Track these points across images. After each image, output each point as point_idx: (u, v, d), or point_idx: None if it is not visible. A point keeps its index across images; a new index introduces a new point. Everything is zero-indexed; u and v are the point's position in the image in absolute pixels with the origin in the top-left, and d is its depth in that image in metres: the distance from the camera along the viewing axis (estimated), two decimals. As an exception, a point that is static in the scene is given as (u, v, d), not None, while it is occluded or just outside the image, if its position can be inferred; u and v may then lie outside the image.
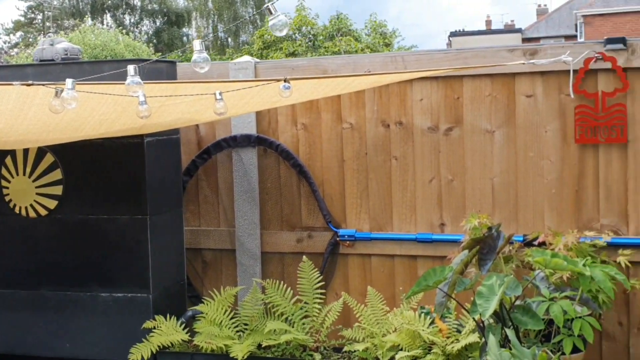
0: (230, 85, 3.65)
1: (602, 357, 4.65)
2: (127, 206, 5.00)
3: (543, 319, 3.72)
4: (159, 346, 4.97)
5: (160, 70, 4.98)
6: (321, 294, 5.11)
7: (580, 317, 3.75)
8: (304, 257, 5.16)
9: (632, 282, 4.38)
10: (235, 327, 5.14)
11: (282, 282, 5.17)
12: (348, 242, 5.22)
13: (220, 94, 3.53)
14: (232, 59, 5.45)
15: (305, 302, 5.11)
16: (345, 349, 4.91)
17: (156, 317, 5.05)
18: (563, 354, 3.78)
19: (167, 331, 5.03)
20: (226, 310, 5.17)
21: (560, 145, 4.70)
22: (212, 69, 5.22)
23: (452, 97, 4.93)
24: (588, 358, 4.25)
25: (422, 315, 4.74)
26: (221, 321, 5.11)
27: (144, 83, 3.13)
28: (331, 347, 5.03)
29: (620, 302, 4.58)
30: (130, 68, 3.09)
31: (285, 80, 3.47)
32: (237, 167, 5.41)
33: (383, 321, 4.88)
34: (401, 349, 4.69)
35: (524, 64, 4.52)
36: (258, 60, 5.40)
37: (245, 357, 4.84)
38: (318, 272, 5.15)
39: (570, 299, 3.83)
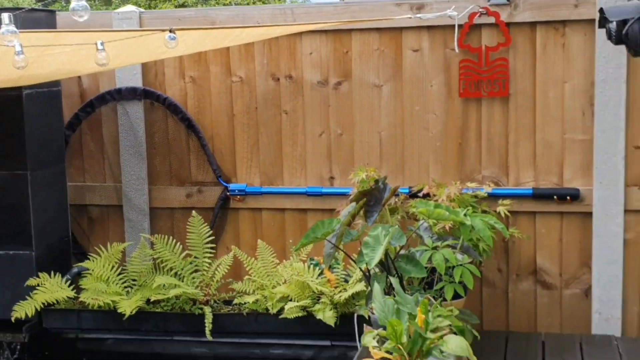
0: (113, 35, 3.53)
1: (482, 302, 4.85)
2: (6, 161, 4.82)
3: (426, 267, 3.83)
4: (43, 303, 4.86)
5: (38, 19, 4.78)
6: (211, 248, 5.10)
7: (461, 265, 3.88)
8: (194, 212, 5.12)
9: (510, 231, 4.56)
10: (123, 283, 5.07)
11: (171, 238, 5.12)
12: (238, 196, 5.21)
13: (102, 44, 3.42)
14: (117, 10, 5.28)
15: (195, 257, 5.09)
16: (236, 301, 4.94)
17: (40, 274, 4.92)
18: (445, 300, 3.91)
19: (51, 288, 4.92)
20: (113, 267, 5.10)
21: (445, 99, 4.81)
22: (94, 19, 5.07)
23: (341, 51, 4.95)
24: (469, 303, 4.41)
25: (311, 266, 4.81)
26: (108, 277, 5.04)
27: (20, 32, 3.00)
28: (221, 300, 5.05)
29: (500, 250, 4.77)
30: (5, 16, 2.95)
31: (170, 31, 3.39)
32: (122, 121, 5.28)
33: (273, 273, 4.93)
34: (291, 300, 4.76)
35: (410, 18, 4.58)
36: (143, 10, 5.25)
37: (134, 312, 4.80)
38: (208, 226, 5.13)
39: (452, 247, 3.95)
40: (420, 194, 4.58)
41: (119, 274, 5.10)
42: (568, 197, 4.63)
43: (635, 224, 4.57)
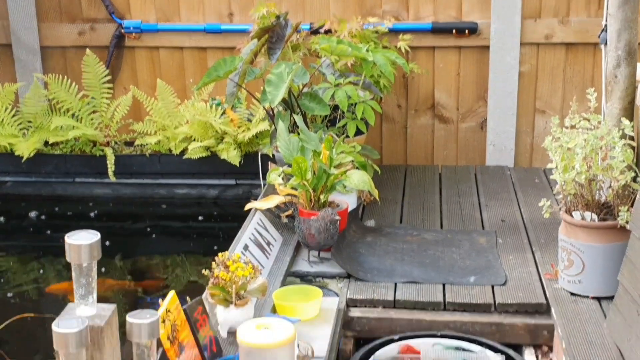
0: None
1: (382, 137, 4.97)
2: None
3: (329, 105, 3.86)
4: None
5: None
6: (109, 88, 4.97)
7: (363, 102, 3.93)
8: (88, 50, 4.93)
9: (410, 66, 4.62)
10: (18, 125, 4.93)
11: (65, 77, 4.96)
12: (134, 34, 5.03)
13: None
14: None
15: (92, 97, 4.96)
16: (137, 142, 4.90)
17: None
18: (347, 136, 3.98)
19: (-57, 132, 4.75)
20: (7, 108, 4.93)
21: None
22: None
23: None
24: (369, 139, 4.51)
25: (214, 106, 4.78)
26: (2, 119, 4.88)
27: None
28: (123, 142, 4.99)
29: (399, 85, 4.84)
30: None
31: None
32: (5, -47, 4.94)
33: (174, 114, 4.88)
34: (194, 140, 4.75)
35: None
36: None
37: (32, 154, 4.71)
38: (104, 66, 4.97)
39: (354, 84, 3.98)
40: (322, 30, 4.54)
41: (13, 115, 4.94)
42: (466, 31, 4.69)
43: (529, 57, 4.70)
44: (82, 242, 1.51)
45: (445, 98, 4.85)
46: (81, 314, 1.54)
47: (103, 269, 3.89)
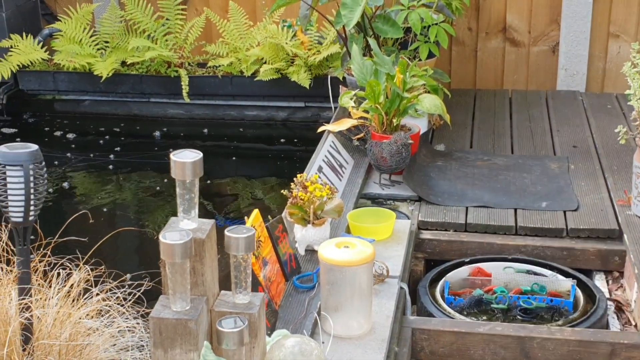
0: None
1: (452, 61, 4.94)
2: None
3: (402, 27, 3.85)
4: (18, 65, 4.86)
5: None
6: (182, 9, 5.04)
7: (436, 24, 3.91)
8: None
9: (484, -11, 4.55)
10: (95, 45, 5.04)
11: (141, -1, 5.04)
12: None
13: None
14: None
15: (166, 19, 5.04)
16: (210, 64, 4.98)
17: (11, 35, 4.87)
18: (419, 60, 3.98)
19: (25, 50, 4.90)
20: (85, 28, 5.04)
21: None
22: None
23: None
24: (438, 62, 4.50)
25: (285, 28, 4.81)
26: (81, 39, 5.00)
27: None
28: (196, 63, 5.08)
29: (471, 8, 4.77)
30: None
31: None
32: None
33: (246, 36, 4.93)
34: (265, 62, 4.80)
35: None
36: None
37: (110, 74, 4.83)
38: (177, -14, 5.03)
39: (426, 6, 3.95)
40: (395, -48, 4.48)
41: (92, 35, 5.05)
42: (542, -47, 4.59)
43: (605, -21, 4.60)
44: (186, 159, 1.61)
45: (517, 21, 4.79)
46: (184, 227, 1.66)
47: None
